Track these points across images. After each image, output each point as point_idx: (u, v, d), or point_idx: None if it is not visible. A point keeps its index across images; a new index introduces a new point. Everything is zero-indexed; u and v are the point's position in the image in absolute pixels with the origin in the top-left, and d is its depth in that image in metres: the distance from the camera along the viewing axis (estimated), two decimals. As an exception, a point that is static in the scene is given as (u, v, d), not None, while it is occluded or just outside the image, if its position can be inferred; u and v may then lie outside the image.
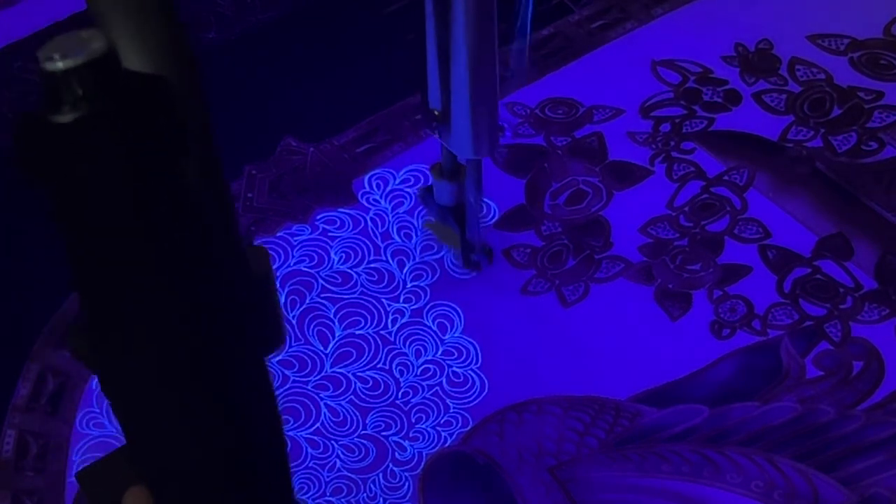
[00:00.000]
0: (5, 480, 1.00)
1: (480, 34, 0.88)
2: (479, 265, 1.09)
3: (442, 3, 0.87)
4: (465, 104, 0.92)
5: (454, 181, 1.04)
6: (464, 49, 0.88)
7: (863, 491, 0.94)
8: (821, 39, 1.29)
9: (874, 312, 1.05)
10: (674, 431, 0.99)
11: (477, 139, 0.95)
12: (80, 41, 0.34)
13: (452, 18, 0.87)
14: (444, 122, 0.96)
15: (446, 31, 0.89)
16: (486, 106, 0.93)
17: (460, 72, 0.90)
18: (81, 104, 0.34)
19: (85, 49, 0.34)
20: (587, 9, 1.35)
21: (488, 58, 0.90)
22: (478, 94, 0.92)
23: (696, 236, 1.12)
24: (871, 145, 1.19)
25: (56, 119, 0.34)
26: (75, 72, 0.34)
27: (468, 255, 1.08)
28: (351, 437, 1.01)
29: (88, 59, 0.34)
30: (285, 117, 1.27)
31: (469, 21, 0.86)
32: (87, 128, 0.34)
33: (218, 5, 1.39)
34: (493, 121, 0.95)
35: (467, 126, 0.94)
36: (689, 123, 1.22)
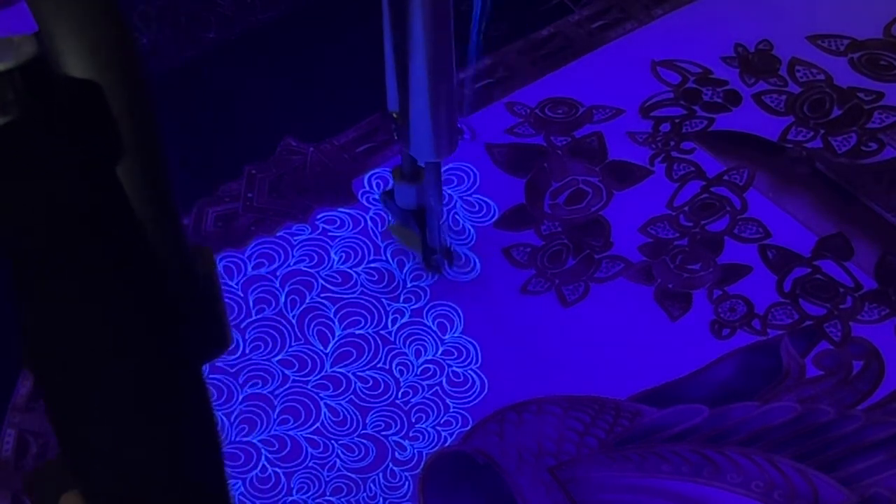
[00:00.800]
0: (5, 480, 1.00)
1: (437, 37, 0.88)
2: (440, 267, 1.09)
3: (398, 8, 0.88)
4: (423, 107, 0.93)
5: (414, 184, 1.04)
6: (421, 52, 0.89)
7: (863, 491, 0.94)
8: (821, 40, 1.29)
9: (874, 312, 1.05)
10: (674, 431, 0.99)
11: (436, 141, 0.95)
12: (10, 45, 0.34)
13: (409, 22, 0.88)
14: (402, 125, 0.96)
15: (403, 35, 0.89)
16: (445, 108, 0.94)
17: (418, 74, 0.91)
18: (11, 108, 0.33)
19: (15, 53, 0.34)
20: (587, 9, 1.35)
21: (445, 60, 0.90)
22: (436, 97, 0.92)
23: (696, 236, 1.12)
24: (870, 146, 1.19)
25: None
26: (5, 75, 0.33)
27: (429, 256, 1.08)
28: (351, 437, 1.01)
29: (18, 62, 0.33)
30: (285, 117, 1.27)
31: (426, 24, 0.87)
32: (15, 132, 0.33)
33: (218, 5, 1.39)
34: (451, 123, 0.95)
35: (427, 128, 0.94)
36: (689, 123, 1.22)
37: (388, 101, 0.96)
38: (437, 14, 0.87)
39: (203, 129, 1.24)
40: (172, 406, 0.42)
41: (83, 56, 0.40)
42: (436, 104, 0.92)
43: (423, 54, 0.89)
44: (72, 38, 0.39)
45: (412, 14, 0.87)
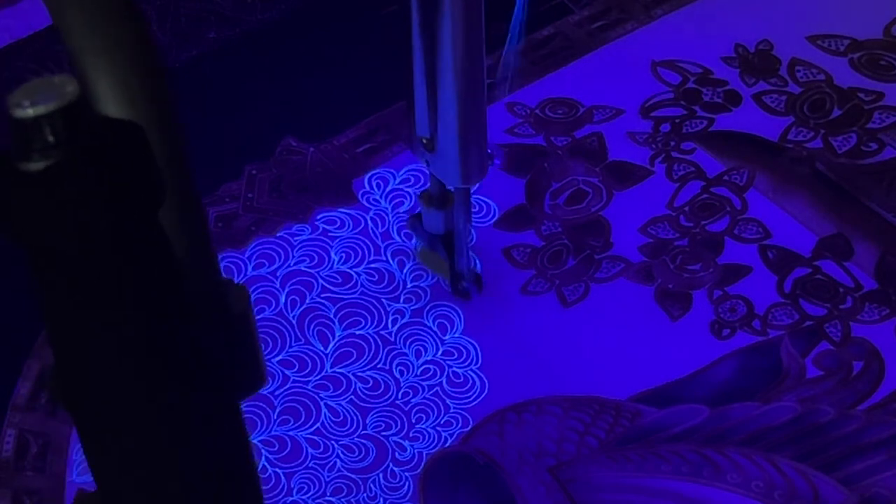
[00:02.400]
0: (5, 480, 1.00)
1: (468, 63, 0.88)
2: (468, 293, 1.08)
3: (429, 33, 0.87)
4: (453, 133, 0.92)
5: (443, 209, 1.04)
6: (452, 78, 0.88)
7: (863, 491, 0.94)
8: (821, 40, 1.29)
9: (874, 312, 1.05)
10: (674, 431, 0.99)
11: (465, 168, 0.95)
12: (51, 86, 0.33)
13: (440, 48, 0.87)
14: (431, 151, 0.95)
15: (433, 61, 0.89)
16: (475, 134, 0.93)
17: (448, 101, 0.90)
18: (52, 152, 0.33)
19: (56, 95, 0.33)
20: (587, 9, 1.35)
21: (477, 87, 0.90)
22: (466, 123, 0.92)
23: (696, 236, 1.12)
24: (871, 146, 1.19)
25: (26, 167, 0.33)
26: (46, 118, 0.33)
27: (457, 283, 1.08)
28: (351, 437, 1.01)
29: (59, 105, 0.33)
30: (285, 117, 1.27)
31: (457, 51, 0.86)
32: (57, 176, 0.33)
33: (218, 5, 1.39)
34: (481, 149, 0.95)
35: (455, 155, 0.94)
36: (689, 124, 1.22)
37: (418, 127, 0.95)
38: (468, 40, 0.86)
39: (203, 129, 1.24)
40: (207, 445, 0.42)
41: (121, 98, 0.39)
42: (466, 130, 0.92)
43: (454, 81, 0.88)
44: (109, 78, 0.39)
45: (442, 40, 0.86)
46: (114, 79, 0.39)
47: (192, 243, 0.44)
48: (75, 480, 0.99)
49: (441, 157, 0.95)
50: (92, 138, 0.34)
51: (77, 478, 1.00)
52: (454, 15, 0.84)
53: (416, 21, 0.88)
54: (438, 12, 0.85)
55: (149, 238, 0.36)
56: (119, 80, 0.39)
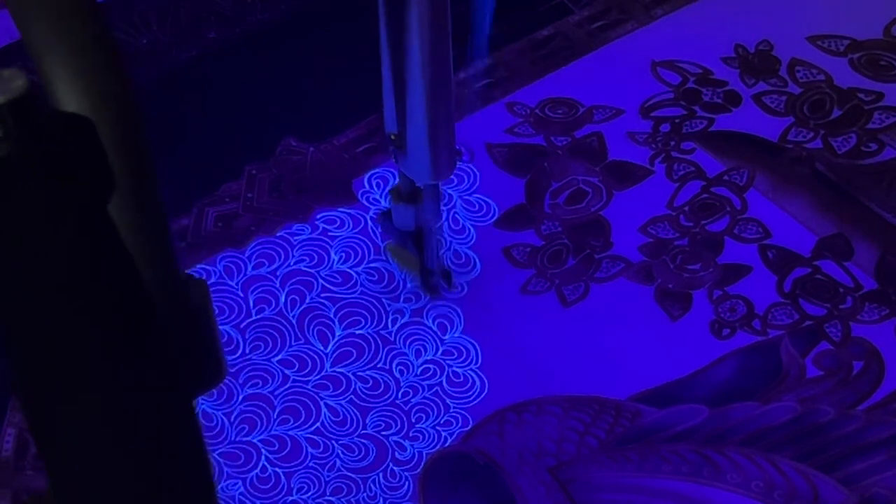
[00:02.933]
0: (5, 480, 1.00)
1: (435, 59, 0.88)
2: (437, 289, 1.08)
3: (396, 26, 0.87)
4: (422, 129, 0.92)
5: (412, 204, 1.03)
6: (419, 75, 0.88)
7: (863, 491, 0.94)
8: (821, 40, 1.29)
9: (874, 312, 1.05)
10: (674, 431, 0.99)
11: (435, 164, 0.95)
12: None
13: (406, 42, 0.87)
14: (400, 147, 0.95)
15: (401, 57, 0.88)
16: (444, 130, 0.93)
17: (416, 96, 0.90)
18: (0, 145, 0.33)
19: (4, 87, 0.33)
20: (587, 9, 1.35)
21: (444, 83, 0.90)
22: (435, 119, 0.91)
23: (696, 236, 1.12)
24: (870, 146, 1.19)
25: None
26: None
27: (427, 279, 1.08)
28: (351, 437, 1.01)
29: (7, 98, 0.33)
30: (285, 117, 1.27)
31: (424, 46, 0.86)
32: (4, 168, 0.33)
33: (218, 5, 1.39)
34: (450, 145, 0.95)
35: (425, 150, 0.93)
36: (689, 124, 1.22)
37: (386, 124, 0.95)
38: (434, 36, 0.86)
39: (203, 129, 1.24)
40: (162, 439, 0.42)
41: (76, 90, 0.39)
42: (434, 126, 0.92)
43: (421, 77, 0.88)
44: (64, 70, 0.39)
45: (409, 36, 0.86)
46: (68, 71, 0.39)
47: (151, 237, 0.43)
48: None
49: (410, 154, 0.95)
50: (40, 131, 0.34)
51: (77, 477, 1.00)
52: (420, 11, 0.84)
53: (383, 17, 0.88)
54: (405, 8, 0.85)
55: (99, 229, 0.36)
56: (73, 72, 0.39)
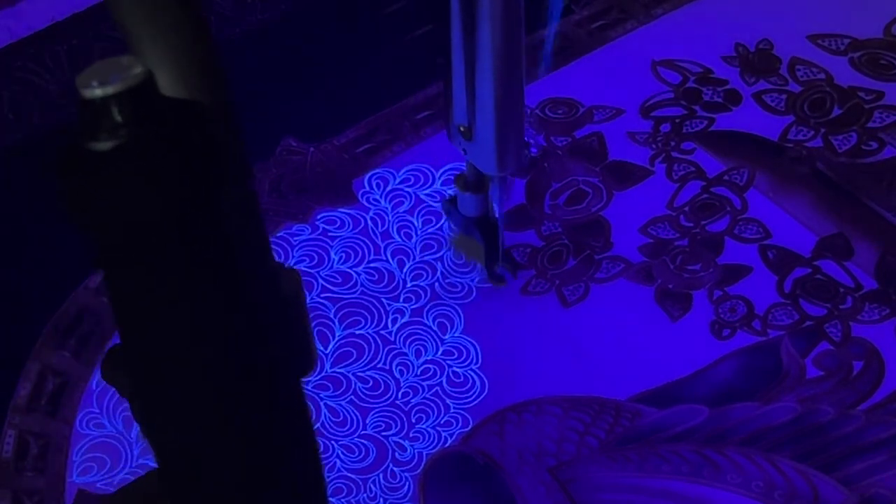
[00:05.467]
0: (5, 480, 1.00)
1: (507, 52, 0.88)
2: (503, 279, 1.09)
3: (469, 21, 0.87)
4: (490, 121, 0.92)
5: (479, 193, 1.04)
6: (490, 66, 0.88)
7: (863, 491, 0.94)
8: (821, 39, 1.29)
9: (874, 312, 1.05)
10: (674, 432, 0.99)
11: (502, 156, 0.95)
12: (118, 67, 0.34)
13: (479, 36, 0.87)
14: (469, 139, 0.96)
15: (472, 49, 0.89)
16: (513, 123, 0.93)
17: (486, 89, 0.90)
18: (120, 131, 0.33)
19: (123, 75, 0.33)
20: (587, 9, 1.35)
21: (515, 75, 0.90)
22: (504, 112, 0.92)
23: (696, 236, 1.12)
24: (871, 145, 1.19)
25: (94, 146, 0.33)
26: (114, 98, 0.33)
27: (493, 268, 1.08)
28: (351, 437, 1.01)
29: (127, 85, 0.33)
30: (285, 117, 1.27)
31: (496, 39, 0.86)
32: (125, 155, 0.33)
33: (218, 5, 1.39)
34: (518, 138, 0.95)
35: (492, 143, 0.94)
36: (690, 123, 1.22)
37: (455, 115, 0.96)
38: (507, 28, 0.86)
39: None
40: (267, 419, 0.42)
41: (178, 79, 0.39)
42: (504, 119, 0.92)
43: (492, 70, 0.88)
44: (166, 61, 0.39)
45: (481, 29, 0.86)
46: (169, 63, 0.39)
47: (249, 225, 0.44)
48: (75, 481, 1.00)
49: (478, 145, 0.95)
50: (158, 118, 0.34)
51: (77, 478, 1.00)
52: (493, 3, 0.84)
53: (456, 9, 0.88)
54: (478, 1, 0.85)
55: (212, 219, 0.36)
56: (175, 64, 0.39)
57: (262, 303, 0.43)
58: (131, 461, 1.01)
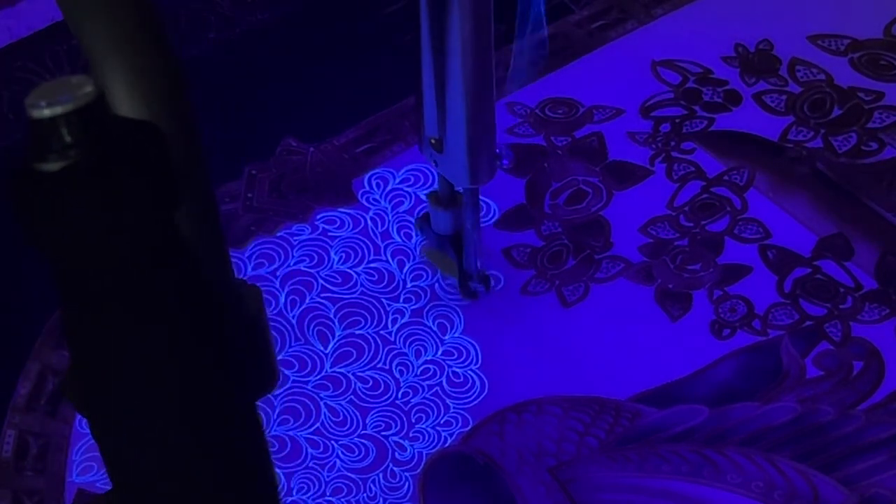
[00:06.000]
0: (5, 480, 1.00)
1: (477, 64, 0.88)
2: (476, 294, 1.08)
3: (438, 33, 0.87)
4: (461, 134, 0.92)
5: (451, 209, 1.04)
6: (460, 79, 0.88)
7: (863, 491, 0.94)
8: (821, 40, 1.29)
9: (874, 312, 1.05)
10: (674, 432, 0.99)
11: (474, 168, 0.95)
12: (68, 87, 0.33)
13: (448, 49, 0.87)
14: (440, 151, 0.95)
15: (442, 61, 0.89)
16: (484, 135, 0.93)
17: (457, 101, 0.90)
18: (69, 152, 0.33)
19: (73, 95, 0.33)
20: (587, 9, 1.35)
21: (485, 87, 0.90)
22: (475, 124, 0.92)
23: (696, 236, 1.12)
24: (871, 146, 1.19)
25: (43, 167, 0.33)
26: (63, 118, 0.32)
27: (466, 283, 1.08)
28: (351, 437, 1.01)
29: (76, 105, 0.33)
30: (285, 117, 1.27)
31: (466, 51, 0.86)
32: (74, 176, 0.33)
33: (218, 5, 1.39)
34: (490, 150, 0.95)
35: (464, 155, 0.94)
36: (689, 123, 1.22)
37: (426, 128, 0.95)
38: (477, 41, 0.86)
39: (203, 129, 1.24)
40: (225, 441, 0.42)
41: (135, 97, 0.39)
42: (474, 131, 0.92)
43: (462, 82, 0.88)
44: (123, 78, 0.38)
45: (451, 41, 0.86)
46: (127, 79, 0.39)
47: (208, 244, 0.43)
48: (75, 481, 1.00)
49: (450, 158, 0.95)
50: (109, 138, 0.33)
51: (77, 478, 1.00)
52: (462, 15, 0.84)
53: (425, 21, 0.88)
54: (447, 13, 0.85)
55: (167, 239, 0.36)
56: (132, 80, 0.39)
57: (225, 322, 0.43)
58: (131, 461, 1.00)
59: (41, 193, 0.33)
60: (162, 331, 0.37)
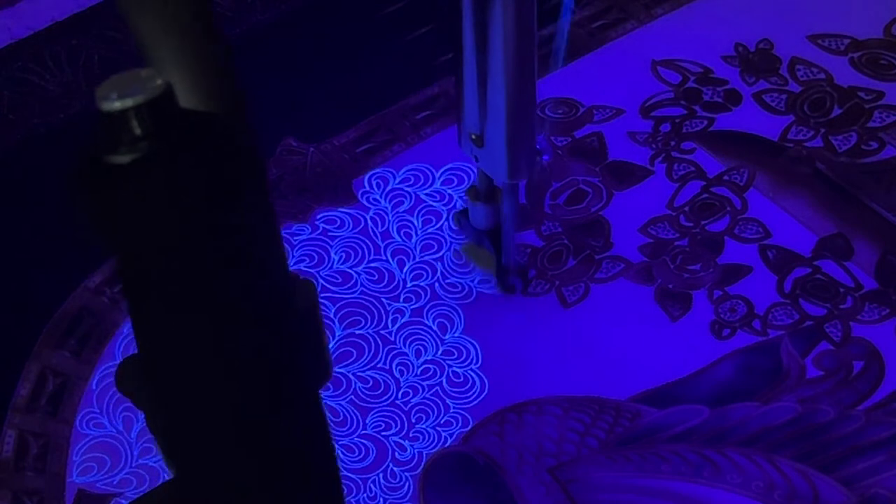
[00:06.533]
0: (5, 480, 1.00)
1: (519, 61, 0.88)
2: (514, 288, 1.09)
3: (480, 29, 0.87)
4: (501, 129, 0.92)
5: (490, 204, 1.04)
6: (502, 75, 0.88)
7: (863, 491, 0.94)
8: (821, 39, 1.29)
9: (874, 312, 1.05)
10: (674, 432, 0.99)
11: (514, 163, 0.95)
12: (137, 80, 0.33)
13: (491, 45, 0.87)
14: (480, 146, 0.96)
15: (484, 57, 0.89)
16: (524, 131, 0.93)
17: (498, 97, 0.90)
18: (139, 144, 0.33)
19: (142, 88, 0.33)
20: (587, 9, 1.35)
21: (526, 83, 0.90)
22: (515, 120, 0.91)
23: (696, 236, 1.12)
24: (871, 145, 1.19)
25: (113, 160, 0.33)
26: (133, 111, 0.33)
27: (504, 278, 1.08)
28: (351, 437, 1.01)
29: (146, 98, 0.33)
30: (285, 117, 1.27)
31: (508, 48, 0.86)
32: (145, 168, 0.33)
33: (218, 5, 1.39)
34: (530, 145, 0.95)
35: (503, 150, 0.94)
36: (690, 123, 1.22)
37: (467, 123, 0.95)
38: (519, 37, 0.86)
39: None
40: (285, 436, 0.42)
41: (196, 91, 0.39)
42: (515, 126, 0.92)
43: (504, 78, 0.88)
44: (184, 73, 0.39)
45: (493, 37, 0.86)
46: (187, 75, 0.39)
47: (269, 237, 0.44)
48: (75, 481, 1.00)
49: (490, 153, 0.95)
50: (178, 131, 0.34)
51: (77, 478, 1.00)
52: (506, 11, 0.84)
53: (468, 16, 0.88)
54: (490, 7, 0.85)
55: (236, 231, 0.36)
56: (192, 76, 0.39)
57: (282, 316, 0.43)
58: (131, 461, 1.01)
59: (113, 185, 0.33)
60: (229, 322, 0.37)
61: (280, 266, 0.45)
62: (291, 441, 0.42)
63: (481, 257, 1.10)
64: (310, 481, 0.44)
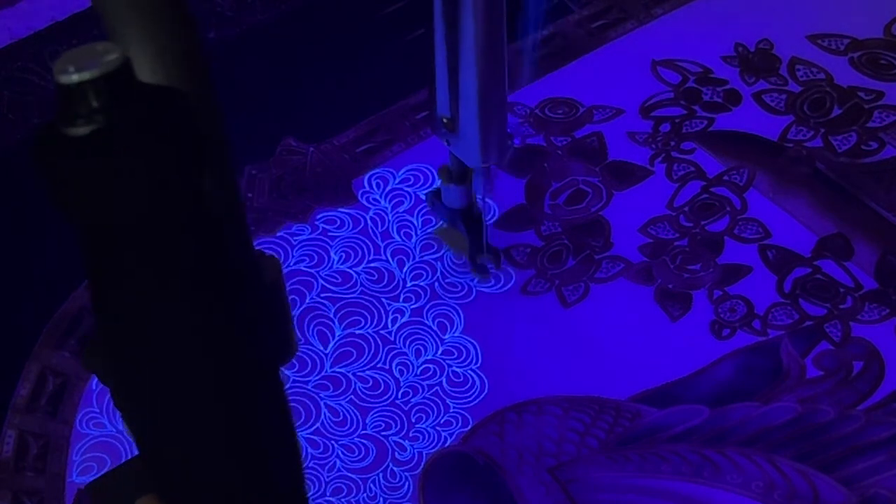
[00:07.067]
0: (5, 480, 1.00)
1: (489, 43, 0.88)
2: (486, 269, 1.09)
3: (450, 12, 0.87)
4: (473, 113, 0.92)
5: (462, 184, 1.04)
6: (473, 59, 0.88)
7: (863, 491, 0.94)
8: (821, 39, 1.29)
9: (874, 312, 1.05)
10: (674, 432, 0.99)
11: (485, 147, 0.95)
12: (95, 53, 0.34)
13: (461, 27, 0.87)
14: (452, 131, 0.96)
15: (455, 40, 0.89)
16: (495, 114, 0.93)
17: (469, 81, 0.90)
18: (96, 117, 0.33)
19: (100, 61, 0.33)
20: (587, 9, 1.35)
21: (497, 66, 0.90)
22: (487, 103, 0.92)
23: (696, 236, 1.12)
24: (871, 145, 1.19)
25: (71, 132, 0.33)
26: (90, 84, 0.33)
27: (475, 259, 1.08)
28: (351, 437, 1.01)
29: (103, 71, 0.33)
30: (285, 117, 1.27)
31: (478, 30, 0.86)
32: (101, 140, 0.33)
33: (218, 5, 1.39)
34: (501, 129, 0.95)
35: (476, 134, 0.94)
36: (689, 123, 1.22)
37: (439, 107, 0.96)
38: (489, 20, 0.86)
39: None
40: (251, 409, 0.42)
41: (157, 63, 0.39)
42: (486, 110, 0.92)
43: (475, 60, 0.88)
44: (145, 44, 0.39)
45: (464, 20, 0.86)
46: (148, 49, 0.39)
47: (231, 211, 0.44)
48: (75, 481, 1.00)
49: (462, 137, 0.95)
50: (136, 104, 0.34)
51: (77, 478, 1.00)
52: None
53: (438, 1, 0.88)
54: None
55: (192, 204, 0.36)
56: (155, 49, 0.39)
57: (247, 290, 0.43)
58: (131, 461, 1.01)
59: (70, 157, 0.33)
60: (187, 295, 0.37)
61: (243, 239, 0.45)
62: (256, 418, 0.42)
63: (454, 239, 1.10)
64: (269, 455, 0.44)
